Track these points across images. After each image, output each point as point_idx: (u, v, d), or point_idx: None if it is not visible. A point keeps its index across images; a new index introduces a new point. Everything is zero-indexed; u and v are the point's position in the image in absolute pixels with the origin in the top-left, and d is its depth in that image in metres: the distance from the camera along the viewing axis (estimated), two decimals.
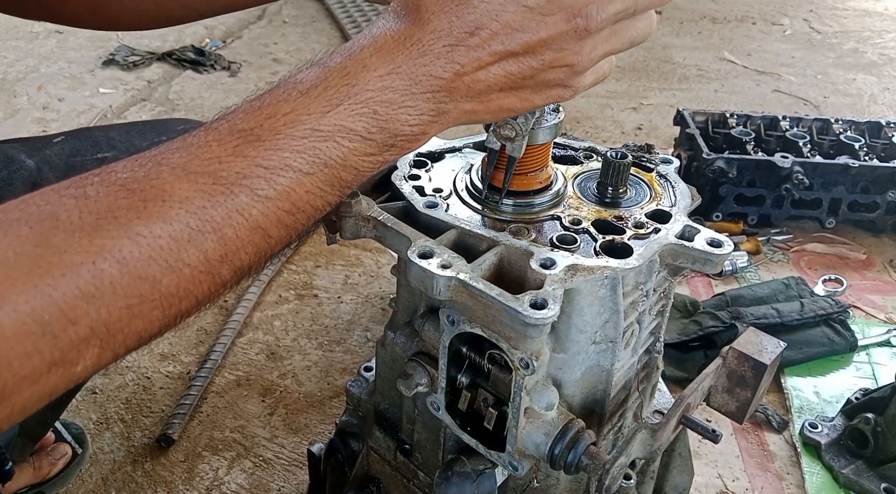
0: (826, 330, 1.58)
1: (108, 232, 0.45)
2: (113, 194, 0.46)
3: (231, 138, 0.50)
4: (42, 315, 0.43)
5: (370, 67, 0.54)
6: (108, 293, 0.45)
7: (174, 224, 0.47)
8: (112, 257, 0.45)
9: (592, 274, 0.67)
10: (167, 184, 0.47)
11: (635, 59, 3.05)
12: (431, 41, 0.55)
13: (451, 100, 0.57)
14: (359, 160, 0.55)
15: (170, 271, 0.47)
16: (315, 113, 0.52)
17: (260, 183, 0.50)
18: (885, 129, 2.02)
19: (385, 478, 0.93)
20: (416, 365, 0.77)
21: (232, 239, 0.50)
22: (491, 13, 0.55)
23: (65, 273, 0.43)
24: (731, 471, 1.33)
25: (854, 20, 3.56)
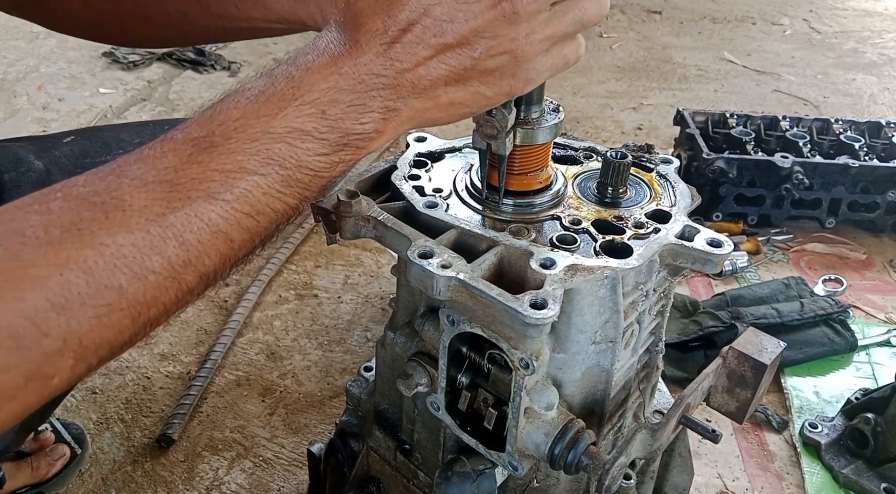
0: (826, 330, 1.58)
1: (72, 244, 0.46)
2: (75, 207, 0.48)
3: (186, 147, 0.52)
4: (15, 329, 0.44)
5: (314, 70, 0.56)
6: (76, 304, 0.46)
7: (136, 233, 0.48)
8: (78, 268, 0.46)
9: (592, 274, 0.67)
10: (126, 194, 0.49)
11: (635, 60, 3.05)
12: (368, 41, 0.57)
13: (398, 97, 0.58)
14: (313, 160, 0.56)
15: (135, 278, 0.48)
16: (265, 116, 0.54)
17: (216, 187, 0.51)
18: (885, 129, 2.02)
19: (385, 478, 0.93)
20: (416, 365, 0.77)
21: (194, 244, 0.51)
22: (420, 9, 0.57)
23: (34, 286, 0.45)
24: (731, 471, 1.33)
25: (854, 20, 3.56)
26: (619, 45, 3.17)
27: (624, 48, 3.14)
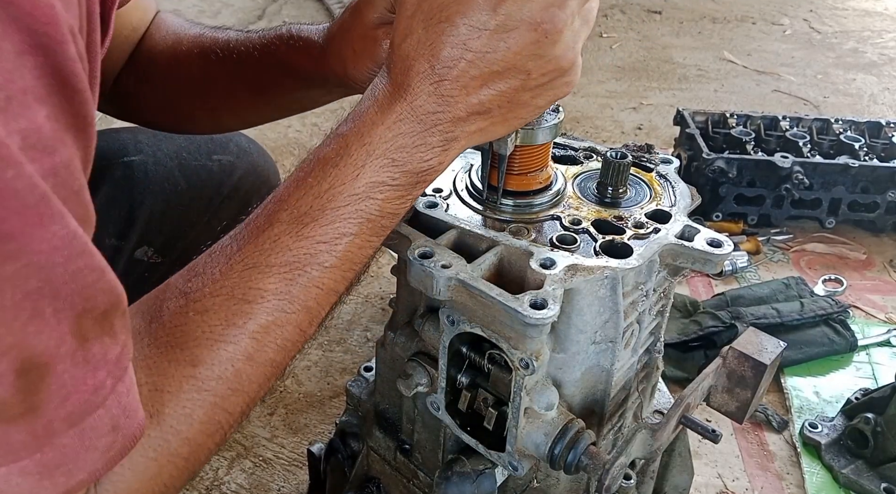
0: (826, 330, 1.58)
1: (234, 338, 0.56)
2: (224, 304, 0.57)
3: (293, 226, 0.59)
4: (214, 418, 0.56)
5: (377, 122, 0.60)
6: (246, 384, 0.57)
7: (274, 314, 0.58)
8: (242, 356, 0.56)
9: (592, 274, 0.67)
10: (259, 283, 0.57)
11: (635, 60, 3.05)
12: (419, 84, 0.60)
13: (455, 127, 0.62)
14: (393, 206, 0.62)
15: (280, 350, 0.59)
16: (348, 181, 0.60)
17: (324, 257, 0.59)
18: (885, 129, 2.02)
19: (385, 478, 0.93)
20: (416, 365, 0.77)
21: (315, 308, 0.60)
22: (459, 45, 0.59)
23: (219, 382, 0.55)
24: (731, 471, 1.33)
25: (854, 20, 3.56)
26: (619, 45, 3.17)
27: (624, 48, 3.14)
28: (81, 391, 0.44)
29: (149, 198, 0.93)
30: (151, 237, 0.95)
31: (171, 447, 0.53)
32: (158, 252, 0.96)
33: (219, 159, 1.01)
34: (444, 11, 0.59)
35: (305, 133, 2.41)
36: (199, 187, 0.97)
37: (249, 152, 1.04)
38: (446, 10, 0.59)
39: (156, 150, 0.95)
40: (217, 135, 1.03)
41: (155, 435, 0.52)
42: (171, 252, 0.97)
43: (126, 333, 0.49)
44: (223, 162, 1.01)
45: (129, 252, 0.92)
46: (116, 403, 0.47)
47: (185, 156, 0.98)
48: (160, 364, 0.54)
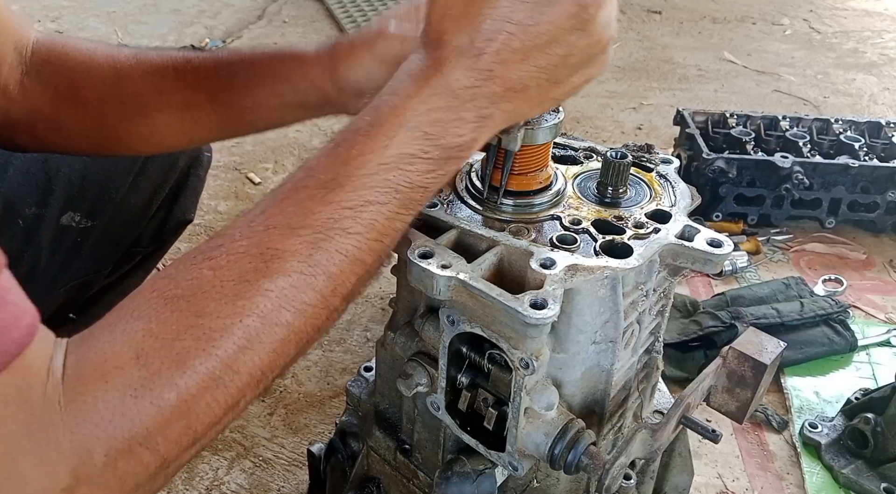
0: (826, 330, 1.58)
1: (245, 294, 0.54)
2: (239, 260, 0.55)
3: (318, 191, 0.58)
4: (214, 372, 0.52)
5: (412, 95, 0.60)
6: (256, 343, 0.54)
7: (292, 275, 0.56)
8: (253, 314, 0.54)
9: (592, 274, 0.67)
10: (278, 243, 0.56)
11: (635, 60, 3.05)
12: (456, 57, 0.59)
13: (491, 104, 0.61)
14: (423, 179, 0.60)
15: (297, 313, 0.56)
16: (377, 150, 0.59)
17: (348, 222, 0.58)
18: (885, 129, 2.02)
19: (385, 478, 0.93)
20: (416, 365, 0.77)
21: (337, 274, 0.58)
22: (502, 17, 0.59)
23: (223, 335, 0.53)
24: (731, 471, 1.33)
25: (854, 20, 3.56)
26: (619, 45, 3.17)
27: (624, 48, 3.14)
28: None
29: (65, 165, 0.92)
30: (75, 202, 0.94)
31: (156, 389, 0.50)
32: (87, 216, 0.95)
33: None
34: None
35: (305, 133, 2.41)
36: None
37: None
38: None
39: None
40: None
41: (138, 375, 0.50)
42: (102, 215, 0.96)
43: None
44: None
45: (54, 219, 0.91)
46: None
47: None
48: (160, 312, 0.53)
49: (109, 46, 0.88)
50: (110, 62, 0.86)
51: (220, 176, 2.18)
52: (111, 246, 1.02)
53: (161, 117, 0.87)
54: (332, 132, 2.67)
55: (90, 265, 1.00)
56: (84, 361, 0.51)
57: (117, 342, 0.51)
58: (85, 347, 0.52)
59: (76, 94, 0.86)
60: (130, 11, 3.32)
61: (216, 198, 2.08)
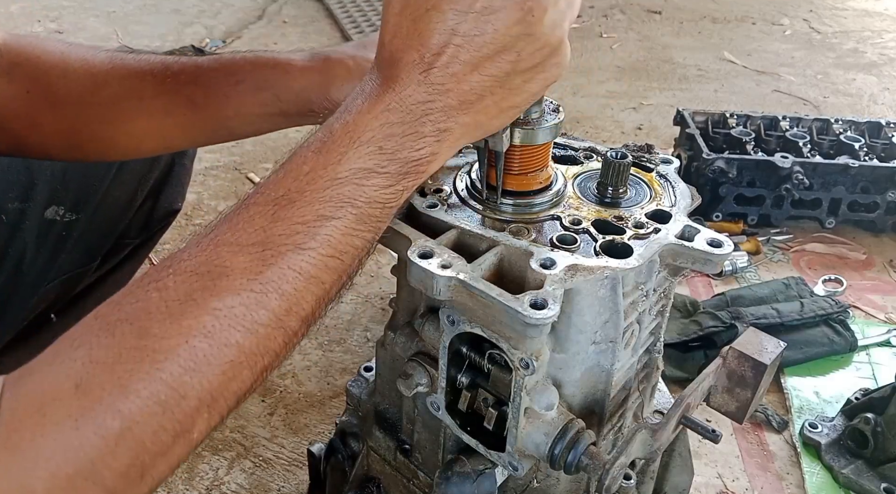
0: (826, 330, 1.58)
1: (191, 313, 0.52)
2: (187, 280, 0.54)
3: (269, 207, 0.57)
4: (159, 396, 0.50)
5: (364, 112, 0.60)
6: (204, 365, 0.52)
7: (242, 293, 0.54)
8: (200, 334, 0.52)
9: (592, 274, 0.67)
10: (227, 260, 0.54)
11: (635, 60, 3.05)
12: (408, 73, 0.60)
13: (448, 118, 0.61)
14: (380, 194, 0.60)
15: (248, 333, 0.54)
16: (330, 164, 0.58)
17: (301, 238, 0.56)
18: (885, 129, 2.02)
19: (385, 478, 0.93)
20: (416, 365, 0.77)
21: (291, 293, 0.56)
22: (448, 30, 0.59)
23: (167, 356, 0.51)
24: (731, 471, 1.33)
25: (854, 20, 3.56)
26: (619, 45, 3.17)
27: (624, 48, 3.14)
28: None
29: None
30: (59, 196, 0.93)
31: (98, 418, 0.48)
32: (71, 210, 0.94)
33: None
34: (431, 0, 0.59)
35: (305, 133, 2.41)
36: None
37: None
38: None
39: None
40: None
41: (77, 405, 0.48)
42: (86, 207, 0.96)
43: None
44: None
45: (38, 213, 0.91)
46: None
47: None
48: (101, 338, 0.51)
49: (86, 48, 0.87)
50: (85, 67, 0.85)
51: (220, 176, 2.18)
52: (98, 239, 1.01)
53: (139, 123, 0.86)
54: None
55: (77, 259, 0.99)
56: (21, 397, 0.48)
57: (55, 372, 0.49)
58: (21, 383, 0.49)
59: (51, 96, 0.85)
60: (130, 11, 3.32)
61: (216, 198, 2.08)
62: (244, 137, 0.91)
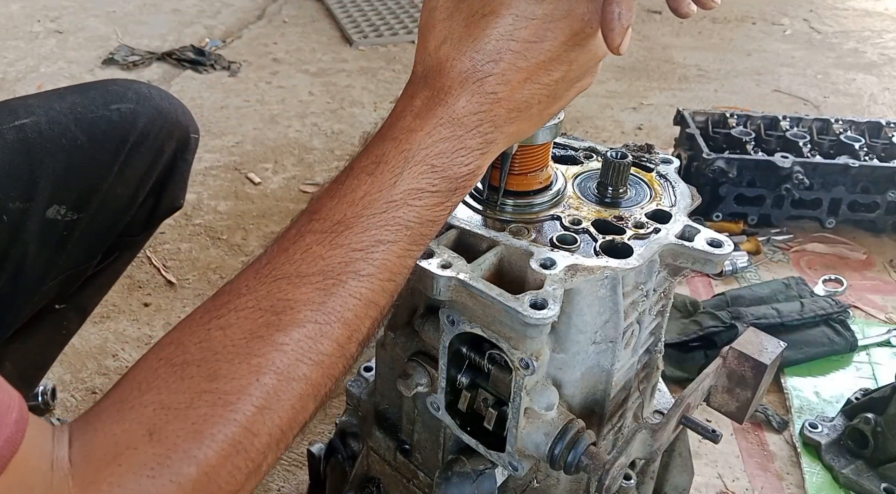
0: (826, 330, 1.58)
1: (259, 350, 0.52)
2: (250, 316, 0.53)
3: (325, 235, 0.56)
4: (234, 438, 0.50)
5: (416, 129, 0.58)
6: (274, 401, 0.52)
7: (306, 326, 0.53)
8: (270, 371, 0.52)
9: (592, 274, 0.67)
10: (289, 293, 0.54)
11: (635, 60, 3.05)
12: (460, 83, 0.58)
13: (495, 129, 0.60)
14: (432, 213, 0.59)
15: (315, 365, 0.54)
16: (385, 188, 0.57)
17: (360, 265, 0.56)
18: (885, 129, 2.02)
19: (385, 478, 0.93)
20: (416, 365, 0.77)
21: (352, 320, 0.56)
22: (506, 36, 0.57)
23: (240, 397, 0.50)
24: (731, 471, 1.33)
25: (854, 20, 3.56)
26: None
27: None
28: None
29: (48, 157, 0.91)
30: (61, 195, 0.92)
31: (174, 466, 0.48)
32: (73, 209, 0.94)
33: (118, 108, 0.97)
34: (489, 5, 0.57)
35: (305, 133, 2.41)
36: (100, 139, 0.95)
37: (150, 97, 1.01)
38: (490, 3, 0.57)
39: (48, 109, 0.93)
40: (113, 85, 1.01)
41: (153, 453, 0.47)
42: (88, 207, 0.95)
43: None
44: (123, 110, 0.98)
45: (40, 213, 0.90)
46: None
47: (80, 110, 0.94)
48: (170, 382, 0.50)
49: None
50: None
51: (220, 176, 2.18)
52: (99, 237, 1.01)
53: None
54: (331, 133, 2.66)
55: (78, 257, 0.99)
56: (92, 446, 0.48)
57: (126, 419, 0.49)
58: (91, 430, 0.49)
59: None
60: (130, 11, 3.32)
61: (216, 198, 2.08)
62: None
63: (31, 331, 1.03)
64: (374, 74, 2.84)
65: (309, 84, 2.73)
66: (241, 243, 1.90)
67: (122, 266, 1.13)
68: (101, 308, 1.64)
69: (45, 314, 1.04)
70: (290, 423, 0.53)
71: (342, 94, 2.66)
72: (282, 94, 2.67)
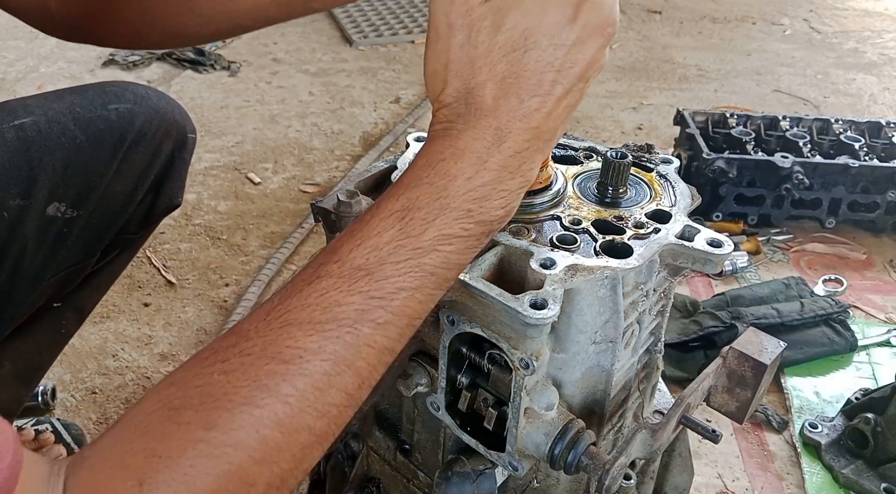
0: (826, 330, 1.58)
1: (261, 401, 0.49)
2: (255, 363, 0.50)
3: (344, 280, 0.53)
4: (226, 488, 0.47)
5: (457, 175, 0.56)
6: (275, 453, 0.49)
7: (314, 376, 0.51)
8: (272, 423, 0.49)
9: (592, 274, 0.67)
10: (299, 341, 0.51)
11: (635, 60, 3.05)
12: (508, 123, 0.56)
13: (532, 161, 0.58)
14: (460, 257, 0.57)
15: (321, 416, 0.51)
16: (413, 235, 0.54)
17: (378, 313, 0.53)
18: (885, 129, 2.02)
19: (385, 478, 0.93)
20: (416, 365, 0.77)
21: (365, 368, 0.53)
22: (547, 67, 0.56)
23: (236, 450, 0.48)
24: (731, 471, 1.32)
25: (854, 20, 3.56)
26: (619, 45, 3.17)
27: (624, 48, 3.14)
28: None
29: (47, 155, 0.91)
30: (60, 192, 0.93)
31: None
32: (72, 206, 0.94)
33: (115, 108, 0.99)
34: (529, 38, 0.55)
35: (305, 133, 2.41)
36: (98, 137, 0.96)
37: (148, 98, 1.03)
38: (531, 35, 0.55)
39: (46, 109, 0.94)
40: (111, 86, 1.02)
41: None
42: (87, 204, 0.96)
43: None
44: (120, 110, 0.99)
45: (40, 210, 0.91)
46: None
47: (78, 110, 0.96)
48: (164, 427, 0.48)
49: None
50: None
51: (220, 176, 2.18)
52: (97, 235, 1.01)
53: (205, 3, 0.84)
54: (331, 133, 2.65)
55: (76, 255, 0.99)
56: (84, 492, 0.47)
57: (119, 466, 0.47)
58: (85, 475, 0.47)
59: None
60: None
61: (216, 198, 2.08)
62: (304, 14, 0.87)
63: (29, 330, 1.03)
64: (374, 73, 2.84)
65: (309, 84, 2.73)
66: (241, 243, 1.90)
67: (120, 267, 1.14)
68: (102, 308, 1.64)
69: (44, 313, 1.04)
70: (291, 472, 0.51)
71: (342, 94, 2.66)
72: (282, 94, 2.67)
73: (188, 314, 1.65)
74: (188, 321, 1.63)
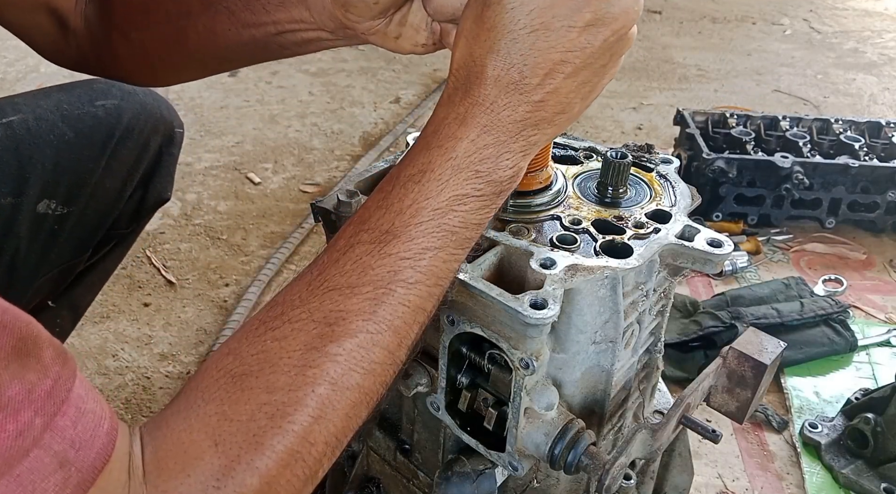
0: (826, 330, 1.58)
1: (314, 362, 0.54)
2: (304, 328, 0.55)
3: (374, 246, 0.58)
4: (292, 448, 0.52)
5: (461, 136, 0.59)
6: (330, 411, 0.54)
7: (359, 336, 0.55)
8: (325, 381, 0.54)
9: (592, 274, 0.67)
10: (341, 304, 0.56)
11: (635, 60, 3.05)
12: (507, 93, 0.59)
13: (538, 131, 0.61)
14: (476, 216, 0.60)
15: (367, 373, 0.56)
16: (431, 196, 0.59)
17: (408, 273, 0.57)
18: (885, 129, 2.02)
19: (385, 478, 0.93)
20: (416, 365, 0.77)
21: (402, 327, 0.58)
22: (557, 47, 0.58)
23: (297, 408, 0.53)
24: (731, 471, 1.32)
25: (854, 20, 3.56)
26: None
27: None
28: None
29: (37, 153, 0.92)
30: (51, 190, 0.94)
31: (238, 477, 0.50)
32: (63, 203, 0.95)
33: (103, 104, 0.99)
34: (538, 19, 0.57)
35: (305, 133, 2.41)
36: (87, 134, 0.97)
37: (134, 93, 1.03)
38: (540, 16, 0.57)
39: (34, 107, 0.95)
40: (98, 83, 1.03)
41: (218, 464, 0.50)
42: (77, 201, 0.97)
43: (60, 363, 0.47)
44: (108, 106, 1.00)
45: (31, 208, 0.92)
46: (59, 438, 0.45)
47: (66, 107, 0.96)
48: (231, 393, 0.52)
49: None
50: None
51: (220, 176, 2.18)
52: (89, 231, 1.02)
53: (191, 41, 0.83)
54: (331, 133, 2.65)
55: (69, 252, 1.00)
56: (162, 453, 0.51)
57: (193, 429, 0.51)
58: (161, 436, 0.52)
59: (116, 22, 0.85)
60: None
61: (216, 198, 2.08)
62: (296, 55, 0.85)
63: None
64: (374, 73, 2.84)
65: (309, 84, 2.73)
66: (241, 243, 1.90)
67: (113, 263, 1.14)
68: (101, 308, 1.64)
69: (38, 312, 1.04)
70: (344, 430, 0.55)
71: (342, 94, 2.66)
72: (282, 94, 2.67)
73: (188, 314, 1.65)
74: (188, 321, 1.63)
